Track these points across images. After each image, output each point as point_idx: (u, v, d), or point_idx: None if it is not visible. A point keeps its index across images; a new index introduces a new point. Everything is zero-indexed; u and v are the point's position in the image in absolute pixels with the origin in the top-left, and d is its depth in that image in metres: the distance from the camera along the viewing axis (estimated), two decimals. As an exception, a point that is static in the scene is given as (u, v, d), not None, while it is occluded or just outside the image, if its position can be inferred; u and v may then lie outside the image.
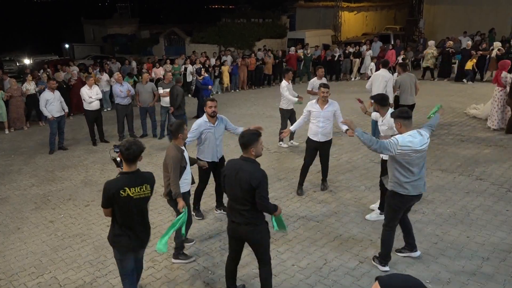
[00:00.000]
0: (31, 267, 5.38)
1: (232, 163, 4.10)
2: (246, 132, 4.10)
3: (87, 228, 6.30)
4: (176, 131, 5.05)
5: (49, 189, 7.89)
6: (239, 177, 3.90)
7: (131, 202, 3.85)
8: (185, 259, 5.28)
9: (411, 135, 4.35)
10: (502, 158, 8.16)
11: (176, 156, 4.93)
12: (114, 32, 36.87)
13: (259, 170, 3.93)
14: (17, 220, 6.70)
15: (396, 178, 4.50)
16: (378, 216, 6.04)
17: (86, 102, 10.19)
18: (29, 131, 12.41)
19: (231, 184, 3.99)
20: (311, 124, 6.81)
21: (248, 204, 3.92)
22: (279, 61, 18.58)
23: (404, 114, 4.48)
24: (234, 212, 4.04)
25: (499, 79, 9.65)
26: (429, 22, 27.01)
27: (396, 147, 4.25)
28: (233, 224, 4.08)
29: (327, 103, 6.68)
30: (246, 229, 4.00)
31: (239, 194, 3.92)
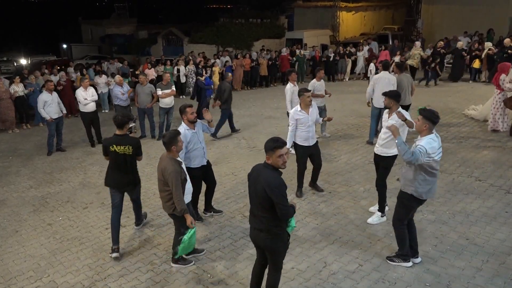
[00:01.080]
0: (30, 270, 5.35)
1: (255, 168, 3.99)
2: (272, 138, 3.88)
3: (86, 231, 6.27)
4: (169, 143, 4.77)
5: (47, 191, 7.86)
6: (258, 184, 3.80)
7: (117, 155, 5.52)
8: (185, 263, 5.25)
9: (432, 139, 4.46)
10: (501, 159, 8.16)
11: (176, 171, 4.71)
12: (112, 32, 36.79)
13: (276, 179, 3.77)
14: (15, 222, 6.67)
15: (418, 183, 4.57)
16: (380, 219, 6.06)
17: (81, 104, 10.15)
18: (27, 132, 12.37)
19: (252, 191, 3.92)
20: (300, 131, 6.71)
21: (267, 212, 3.80)
22: (272, 62, 18.51)
23: (436, 119, 4.51)
24: (255, 218, 3.95)
25: (497, 81, 9.61)
26: (427, 22, 27.03)
27: (425, 155, 4.38)
28: (255, 231, 3.99)
29: (310, 107, 6.72)
30: (265, 236, 3.90)
31: (258, 201, 3.84)
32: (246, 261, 5.27)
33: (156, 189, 7.67)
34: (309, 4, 32.29)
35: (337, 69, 18.98)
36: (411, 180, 4.61)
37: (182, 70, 16.30)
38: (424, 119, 4.52)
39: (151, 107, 10.70)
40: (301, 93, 6.71)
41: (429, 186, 4.59)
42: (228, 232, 6.03)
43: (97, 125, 10.51)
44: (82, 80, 10.51)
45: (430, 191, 4.65)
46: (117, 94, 10.45)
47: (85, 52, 31.88)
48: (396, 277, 4.79)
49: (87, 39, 39.55)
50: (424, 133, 4.52)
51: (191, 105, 6.03)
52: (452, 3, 25.62)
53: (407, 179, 4.66)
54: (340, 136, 10.20)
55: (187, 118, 5.84)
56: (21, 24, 51.05)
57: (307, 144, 6.76)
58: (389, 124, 5.72)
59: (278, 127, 11.45)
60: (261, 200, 3.78)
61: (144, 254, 5.57)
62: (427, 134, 4.50)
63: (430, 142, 4.42)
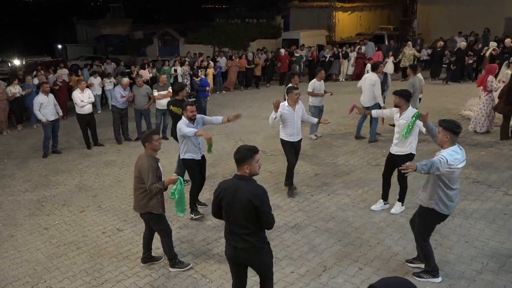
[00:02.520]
0: (26, 276, 5.29)
1: (226, 184, 3.73)
2: (241, 147, 3.74)
3: (83, 235, 6.21)
4: (144, 141, 4.92)
5: (43, 195, 7.79)
6: (238, 199, 3.58)
7: (171, 112, 7.53)
8: (182, 267, 5.21)
9: (455, 151, 4.27)
10: (498, 161, 8.16)
11: (152, 165, 4.78)
12: (107, 32, 36.55)
13: (258, 187, 3.65)
14: (11, 227, 6.60)
15: (438, 197, 4.41)
16: (383, 206, 6.45)
17: (78, 106, 10.07)
18: (22, 134, 12.26)
19: (229, 208, 3.66)
20: (285, 127, 6.96)
21: (251, 227, 3.63)
22: (269, 63, 18.39)
23: (457, 129, 4.31)
24: (235, 237, 3.71)
25: (485, 83, 9.55)
26: (423, 22, 27.09)
27: (445, 165, 4.16)
28: (235, 250, 3.76)
29: (297, 103, 6.95)
30: (249, 255, 3.72)
31: (240, 217, 3.61)
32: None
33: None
34: (305, 4, 32.29)
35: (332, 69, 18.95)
36: (431, 194, 4.46)
37: (179, 71, 16.22)
38: (444, 130, 4.31)
39: (148, 109, 10.64)
40: (290, 91, 6.98)
41: (450, 199, 4.42)
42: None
43: (93, 127, 10.44)
44: (79, 82, 10.43)
45: (451, 206, 4.48)
46: (117, 95, 10.37)
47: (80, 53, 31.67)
48: (396, 281, 4.76)
49: (82, 39, 39.31)
50: (446, 145, 4.32)
51: (193, 103, 6.37)
52: (448, 3, 25.69)
53: (428, 194, 4.50)
54: (337, 137, 10.18)
55: (187, 115, 6.17)
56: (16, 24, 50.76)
57: (292, 139, 6.97)
58: (400, 124, 5.91)
59: (275, 128, 11.39)
60: (245, 215, 3.59)
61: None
62: (449, 146, 4.30)
63: (452, 154, 4.22)
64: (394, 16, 33.47)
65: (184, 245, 5.79)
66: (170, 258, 5.19)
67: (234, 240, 3.73)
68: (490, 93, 9.58)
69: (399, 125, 5.96)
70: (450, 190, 4.38)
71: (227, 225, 3.79)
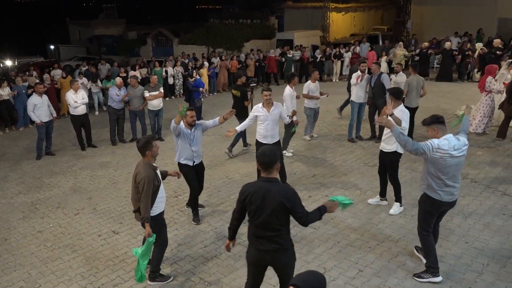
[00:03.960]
0: (20, 280, 5.18)
1: (253, 189, 3.62)
2: (266, 150, 3.63)
3: (78, 238, 6.11)
4: (143, 148, 4.66)
5: (37, 197, 7.66)
6: (268, 202, 3.51)
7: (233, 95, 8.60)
8: (163, 279, 4.99)
9: (447, 139, 4.33)
10: (495, 160, 8.16)
11: (149, 176, 4.56)
12: (100, 33, 36.32)
13: (289, 189, 3.59)
14: (4, 230, 6.48)
15: (430, 182, 4.47)
16: (378, 201, 6.58)
17: (71, 107, 9.95)
18: (14, 136, 12.09)
19: (258, 212, 3.58)
20: (259, 128, 6.93)
21: (281, 228, 3.59)
22: (259, 64, 18.23)
23: (440, 119, 4.41)
24: (261, 239, 3.65)
25: (483, 84, 9.53)
26: (417, 23, 27.18)
27: (432, 149, 4.25)
28: (260, 253, 3.69)
29: (272, 105, 6.84)
30: (276, 256, 3.66)
31: (270, 219, 3.55)
32: (244, 268, 5.15)
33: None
34: (299, 5, 32.27)
35: (323, 70, 18.91)
36: (423, 179, 4.58)
37: (170, 71, 16.04)
38: (428, 126, 4.46)
39: (142, 109, 10.54)
40: (262, 91, 6.88)
41: (443, 186, 4.41)
42: (224, 238, 5.89)
43: (87, 128, 10.32)
44: (72, 83, 10.30)
45: (447, 194, 4.46)
46: (112, 95, 10.25)
47: (73, 53, 31.45)
48: (397, 283, 4.73)
49: (75, 40, 39.03)
50: (439, 136, 4.40)
51: (192, 108, 6.21)
52: (441, 3, 25.80)
53: (421, 179, 4.63)
54: (334, 138, 10.14)
55: (186, 121, 6.02)
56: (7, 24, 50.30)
57: (265, 142, 6.84)
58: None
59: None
60: (276, 217, 3.54)
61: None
62: (442, 136, 4.39)
63: (443, 140, 4.32)
64: (388, 16, 33.55)
65: (182, 248, 5.71)
66: (152, 270, 4.94)
67: (260, 242, 3.67)
68: (490, 93, 9.57)
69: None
70: (441, 177, 4.38)
71: (253, 228, 3.71)
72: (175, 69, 16.20)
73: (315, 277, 2.31)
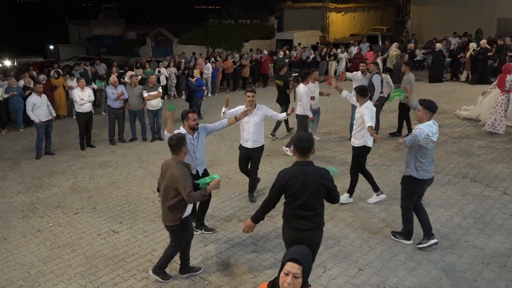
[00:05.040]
0: (19, 279, 5.16)
1: (293, 173, 3.83)
2: (303, 136, 3.88)
3: (77, 237, 6.09)
4: (177, 146, 4.53)
5: (36, 196, 7.65)
6: (308, 182, 3.79)
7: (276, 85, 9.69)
8: (164, 278, 4.95)
9: (429, 125, 4.97)
10: (495, 159, 8.16)
11: (185, 172, 4.43)
12: (99, 33, 36.32)
13: (324, 169, 3.94)
14: (3, 229, 6.46)
15: (414, 165, 5.05)
16: (378, 198, 6.66)
17: (77, 104, 9.98)
18: (13, 135, 12.07)
19: (299, 194, 3.81)
20: (241, 131, 6.70)
21: (318, 208, 3.92)
22: (253, 64, 18.10)
23: (435, 109, 5.05)
24: (299, 219, 3.90)
25: (503, 83, 9.36)
26: (416, 23, 27.20)
27: (424, 136, 4.88)
28: (297, 232, 3.92)
29: (255, 108, 6.56)
30: (311, 234, 3.93)
31: (310, 200, 3.83)
32: (244, 267, 5.16)
33: (149, 192, 7.54)
34: (299, 5, 32.30)
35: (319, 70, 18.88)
36: (407, 163, 5.11)
37: (164, 72, 15.84)
38: (424, 109, 5.01)
39: (142, 109, 10.54)
40: (245, 92, 6.68)
41: (425, 166, 5.05)
42: (224, 237, 5.90)
43: (89, 127, 10.32)
44: (78, 81, 10.33)
45: (427, 172, 5.08)
46: (108, 94, 10.25)
47: (72, 53, 31.43)
48: (397, 282, 4.72)
49: (74, 40, 39.03)
50: (424, 121, 5.02)
51: (194, 110, 5.73)
52: (441, 4, 25.81)
53: (405, 163, 5.18)
54: (334, 138, 10.14)
55: (188, 125, 5.50)
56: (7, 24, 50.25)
57: (247, 145, 6.65)
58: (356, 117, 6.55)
59: (270, 128, 11.33)
60: (316, 197, 3.85)
61: (139, 261, 5.42)
62: (425, 122, 5.01)
63: (427, 126, 4.94)
64: (387, 17, 33.58)
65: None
66: (159, 265, 4.89)
67: (301, 223, 3.90)
68: (507, 93, 9.42)
69: (355, 118, 6.54)
70: (423, 158, 5.02)
71: (292, 210, 3.92)
72: (168, 70, 16.09)
73: (303, 249, 2.61)
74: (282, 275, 2.49)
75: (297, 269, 2.44)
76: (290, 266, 2.45)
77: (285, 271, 2.47)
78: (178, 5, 51.87)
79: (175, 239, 4.78)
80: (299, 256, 2.50)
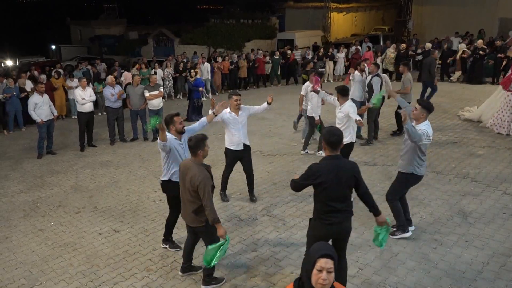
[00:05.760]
0: (21, 278, 5.19)
1: (325, 169, 3.92)
2: (335, 131, 4.01)
3: (79, 237, 6.12)
4: (196, 147, 4.41)
5: (38, 196, 7.68)
6: (340, 175, 3.90)
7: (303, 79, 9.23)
8: (217, 282, 4.85)
9: (428, 125, 5.16)
10: (495, 160, 8.16)
11: (207, 177, 4.36)
12: (101, 33, 36.40)
13: (352, 162, 4.15)
14: (5, 228, 6.49)
15: (417, 162, 5.25)
16: None
17: (79, 104, 10.00)
18: (15, 135, 12.11)
19: (333, 187, 3.92)
20: (230, 135, 6.61)
21: (349, 197, 4.08)
22: (251, 65, 17.98)
23: (432, 109, 5.24)
24: (334, 213, 4.00)
25: (508, 82, 9.28)
26: (417, 23, 27.15)
27: (426, 136, 5.04)
28: (333, 226, 4.03)
29: (239, 110, 6.63)
30: (346, 224, 4.11)
31: (343, 192, 3.98)
32: (244, 267, 5.17)
33: (150, 192, 7.56)
34: (300, 5, 32.31)
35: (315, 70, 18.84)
36: (410, 161, 5.27)
37: (160, 73, 15.75)
38: (423, 108, 5.17)
39: (144, 109, 10.56)
40: (230, 96, 6.62)
41: (424, 163, 5.33)
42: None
43: (91, 127, 10.35)
44: (80, 80, 10.37)
45: (424, 168, 5.39)
46: (107, 95, 10.27)
47: (74, 53, 31.50)
48: (397, 281, 4.73)
49: (76, 40, 39.12)
50: (421, 120, 5.17)
51: (178, 113, 5.59)
52: (442, 3, 25.77)
53: (407, 161, 5.30)
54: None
55: (175, 129, 5.34)
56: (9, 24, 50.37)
57: (238, 148, 6.64)
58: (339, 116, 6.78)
59: (272, 128, 11.38)
60: (348, 189, 4.02)
61: (140, 260, 5.44)
62: (422, 122, 5.17)
63: (427, 127, 5.13)
64: (388, 16, 33.58)
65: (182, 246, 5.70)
66: (206, 274, 4.74)
67: (337, 216, 4.02)
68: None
69: (338, 117, 6.78)
70: (423, 156, 5.27)
71: (325, 206, 4.00)
72: (165, 71, 16.07)
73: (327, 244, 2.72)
74: (315, 272, 2.49)
75: (331, 264, 2.50)
76: (324, 262, 2.49)
77: (318, 268, 2.49)
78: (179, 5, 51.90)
79: (209, 238, 4.58)
80: (330, 251, 2.55)
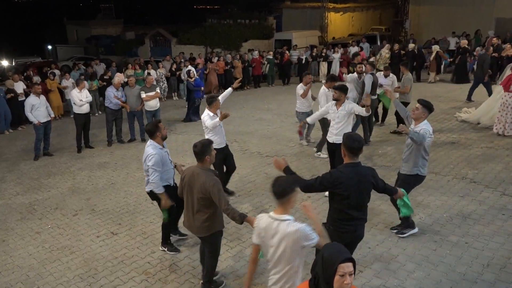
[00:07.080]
0: (18, 282, 5.14)
1: (346, 175, 3.79)
2: (355, 137, 3.89)
3: (76, 240, 6.07)
4: (203, 153, 4.26)
5: (35, 198, 7.62)
6: (360, 184, 3.83)
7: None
8: (216, 287, 4.79)
9: (427, 124, 5.21)
10: (494, 160, 8.16)
11: (217, 181, 4.22)
12: (98, 33, 36.33)
13: (371, 168, 4.09)
14: (2, 231, 6.43)
15: (421, 163, 5.31)
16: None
17: (76, 105, 9.94)
18: (11, 136, 12.04)
19: (355, 194, 3.84)
20: (215, 136, 6.65)
21: (366, 206, 4.01)
22: (245, 65, 17.94)
23: (433, 109, 5.28)
24: (350, 221, 3.95)
25: (509, 83, 9.24)
26: (415, 23, 27.18)
27: (428, 135, 5.12)
28: (347, 234, 3.98)
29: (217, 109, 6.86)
30: (360, 232, 4.08)
31: (362, 200, 3.92)
32: (244, 269, 5.14)
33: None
34: (297, 5, 32.33)
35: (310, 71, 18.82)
36: (415, 163, 5.30)
37: (153, 74, 15.66)
38: (424, 108, 5.20)
39: (140, 110, 10.52)
40: (214, 99, 6.71)
41: (427, 163, 5.41)
42: (223, 238, 5.85)
43: (87, 128, 10.28)
44: (78, 81, 10.32)
45: (427, 168, 5.47)
46: (110, 96, 10.20)
47: (70, 54, 31.40)
48: (398, 284, 4.71)
49: (72, 40, 39.01)
50: (421, 120, 5.22)
51: (160, 120, 5.63)
52: (439, 3, 25.81)
53: (412, 163, 5.32)
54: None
55: (161, 135, 5.31)
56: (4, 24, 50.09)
57: (223, 146, 6.93)
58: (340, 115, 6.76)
59: (270, 128, 11.35)
60: (368, 195, 3.96)
61: (138, 263, 5.40)
62: (422, 121, 5.21)
63: (428, 126, 5.20)
64: (386, 16, 33.64)
65: (181, 248, 5.68)
66: (206, 280, 4.65)
67: (351, 224, 3.97)
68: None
69: (339, 116, 6.77)
70: (427, 156, 5.35)
71: (342, 213, 3.92)
72: (158, 72, 16.00)
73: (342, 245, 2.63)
74: (337, 279, 2.45)
75: (351, 267, 2.49)
76: (346, 267, 2.46)
77: (340, 273, 2.45)
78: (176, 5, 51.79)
79: (211, 247, 4.54)
80: (348, 254, 2.53)
